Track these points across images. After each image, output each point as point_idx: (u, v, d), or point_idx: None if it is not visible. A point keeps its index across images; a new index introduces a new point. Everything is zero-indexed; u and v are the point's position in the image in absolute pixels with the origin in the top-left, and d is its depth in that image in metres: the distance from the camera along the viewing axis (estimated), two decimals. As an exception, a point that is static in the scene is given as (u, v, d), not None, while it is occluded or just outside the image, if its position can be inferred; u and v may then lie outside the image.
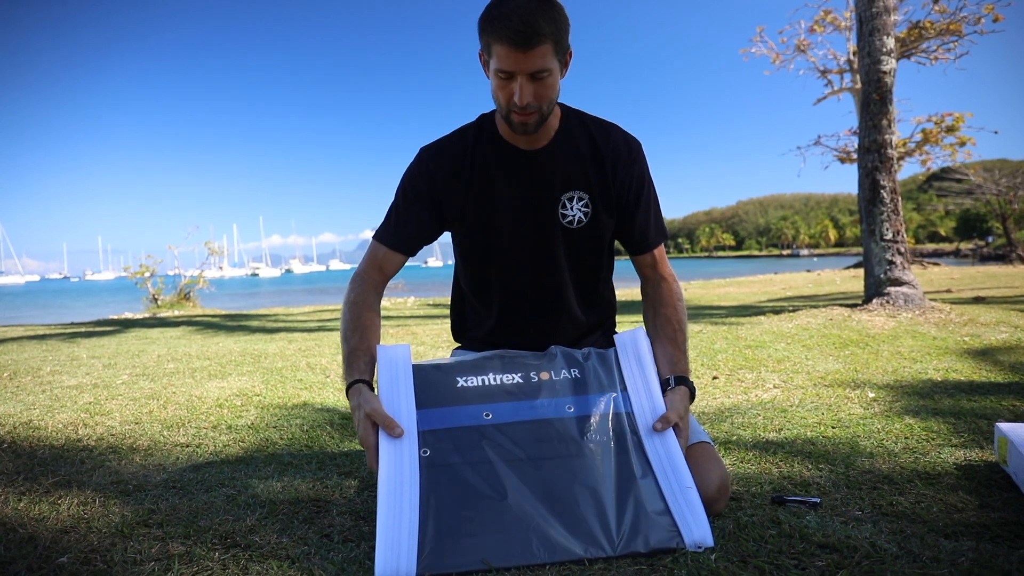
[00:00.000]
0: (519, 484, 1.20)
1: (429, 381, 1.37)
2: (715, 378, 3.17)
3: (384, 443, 1.25)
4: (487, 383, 1.36)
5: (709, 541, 1.17)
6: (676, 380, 1.43)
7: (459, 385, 1.36)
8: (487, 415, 1.30)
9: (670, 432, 1.32)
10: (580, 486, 1.21)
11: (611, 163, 1.55)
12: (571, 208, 1.55)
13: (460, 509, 1.17)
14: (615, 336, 1.50)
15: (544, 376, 1.38)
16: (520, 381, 1.37)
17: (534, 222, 1.55)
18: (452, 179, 1.55)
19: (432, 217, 1.58)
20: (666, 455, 1.28)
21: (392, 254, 1.59)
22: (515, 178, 1.54)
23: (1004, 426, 1.62)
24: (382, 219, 1.61)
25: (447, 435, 1.27)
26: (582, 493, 1.20)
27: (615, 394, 1.37)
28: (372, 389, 1.38)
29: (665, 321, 1.56)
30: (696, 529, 1.18)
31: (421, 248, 1.62)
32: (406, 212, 1.58)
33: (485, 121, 1.58)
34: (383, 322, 7.30)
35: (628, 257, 1.71)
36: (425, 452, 1.24)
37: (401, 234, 1.59)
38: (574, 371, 1.40)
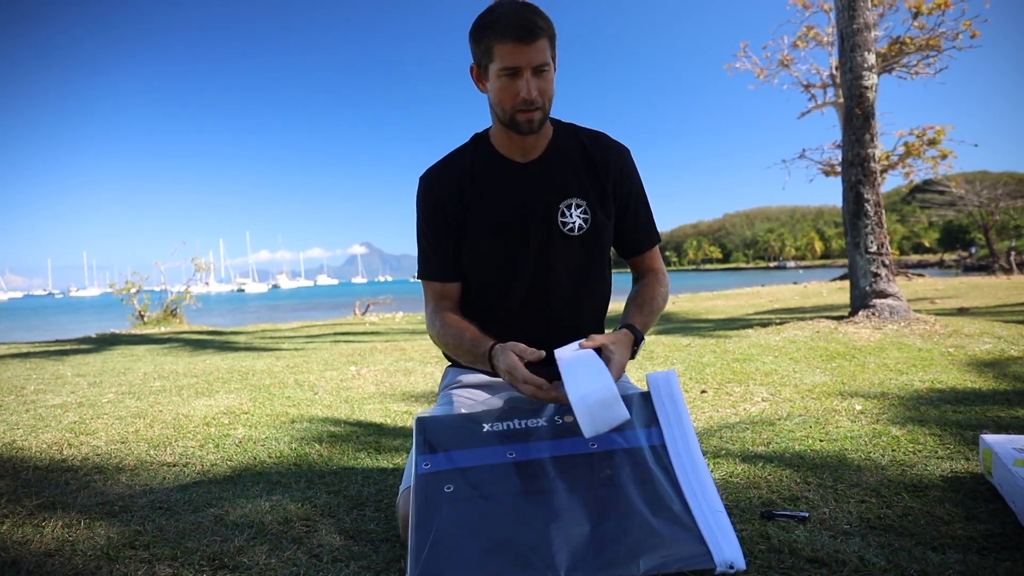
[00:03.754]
0: (535, 511, 1.22)
1: (457, 427, 1.40)
2: (703, 392, 3.18)
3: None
4: (512, 427, 1.40)
5: (741, 563, 1.15)
6: (625, 327, 1.51)
7: (485, 430, 1.39)
8: (510, 454, 1.33)
9: (700, 457, 1.32)
10: (603, 513, 1.22)
11: (603, 168, 1.60)
12: (571, 215, 1.57)
13: (469, 532, 1.18)
14: (648, 375, 1.51)
15: (568, 419, 1.41)
16: (544, 424, 1.40)
17: (534, 231, 1.57)
18: (455, 198, 1.58)
19: (454, 238, 1.61)
20: (696, 480, 1.29)
21: (443, 285, 1.65)
22: (513, 190, 1.56)
23: (989, 437, 1.64)
24: (417, 258, 1.67)
25: (471, 472, 1.30)
26: (605, 519, 1.21)
27: (643, 430, 1.39)
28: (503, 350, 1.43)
29: (636, 295, 1.64)
30: (727, 549, 1.17)
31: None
32: (433, 243, 1.62)
33: (479, 139, 1.62)
34: (372, 337, 7.29)
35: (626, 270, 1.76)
36: (449, 488, 1.26)
37: (437, 264, 1.64)
38: None
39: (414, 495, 1.25)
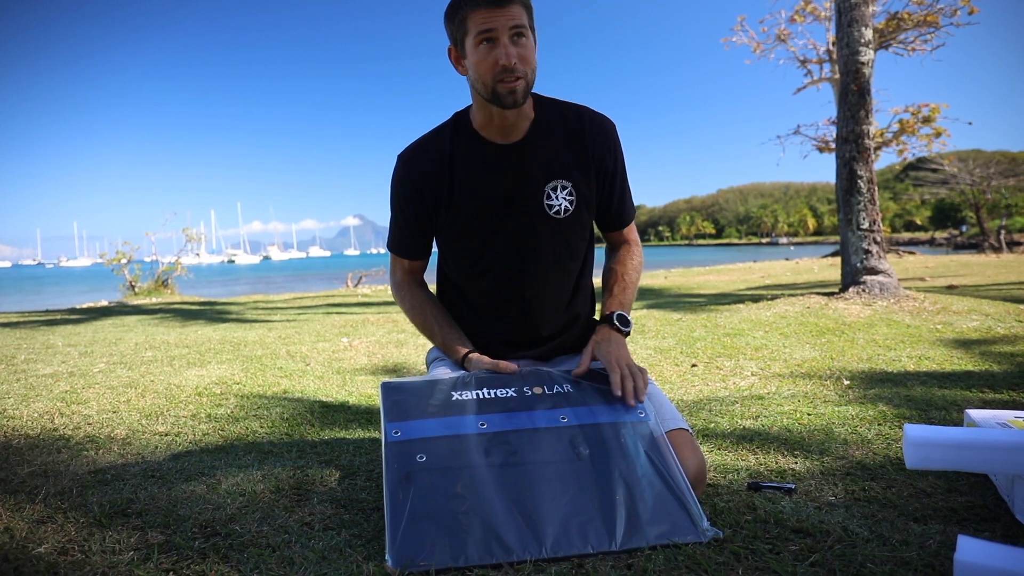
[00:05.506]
0: (512, 485, 1.23)
1: (424, 394, 1.41)
2: (694, 366, 3.20)
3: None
4: (482, 396, 1.41)
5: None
6: (604, 319, 1.55)
7: (454, 398, 1.40)
8: (482, 424, 1.34)
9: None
10: (581, 487, 1.23)
11: (588, 144, 1.56)
12: (556, 198, 1.54)
13: (446, 507, 1.18)
14: None
15: (537, 391, 1.43)
16: (514, 395, 1.42)
17: (520, 215, 1.54)
18: (434, 179, 1.54)
19: (427, 220, 1.60)
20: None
21: (411, 261, 1.69)
22: (496, 173, 1.52)
23: (973, 413, 1.66)
24: (389, 229, 1.68)
25: (443, 442, 1.30)
26: (584, 493, 1.22)
27: (616, 406, 1.40)
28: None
29: (609, 272, 1.68)
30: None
31: (432, 246, 1.69)
32: (404, 223, 1.62)
33: (460, 119, 1.57)
34: (364, 309, 7.28)
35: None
36: (422, 458, 1.27)
37: (408, 242, 1.66)
38: (567, 386, 1.45)
39: (386, 464, 1.26)
